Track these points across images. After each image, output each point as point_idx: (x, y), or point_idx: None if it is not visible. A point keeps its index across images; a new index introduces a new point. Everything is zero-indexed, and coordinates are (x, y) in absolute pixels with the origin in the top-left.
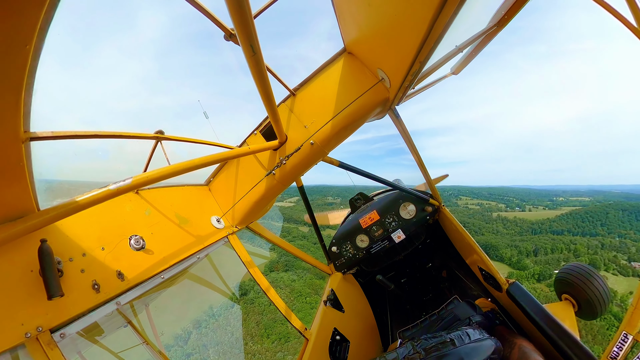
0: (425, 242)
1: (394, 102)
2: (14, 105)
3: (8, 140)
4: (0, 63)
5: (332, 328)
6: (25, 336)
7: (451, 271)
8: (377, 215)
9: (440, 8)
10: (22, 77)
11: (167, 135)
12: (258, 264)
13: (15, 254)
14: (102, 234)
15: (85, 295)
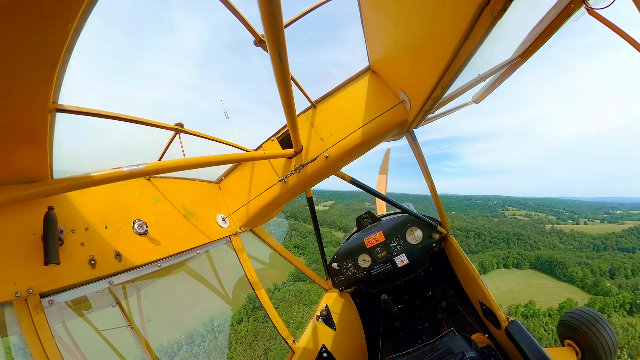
0: (428, 269)
1: (413, 125)
2: (48, 77)
3: (37, 107)
4: (43, 37)
5: (320, 344)
6: (15, 295)
7: (451, 302)
8: (382, 237)
9: (466, 35)
10: (60, 52)
11: (186, 129)
12: (256, 269)
13: (23, 214)
14: (108, 212)
15: (80, 268)
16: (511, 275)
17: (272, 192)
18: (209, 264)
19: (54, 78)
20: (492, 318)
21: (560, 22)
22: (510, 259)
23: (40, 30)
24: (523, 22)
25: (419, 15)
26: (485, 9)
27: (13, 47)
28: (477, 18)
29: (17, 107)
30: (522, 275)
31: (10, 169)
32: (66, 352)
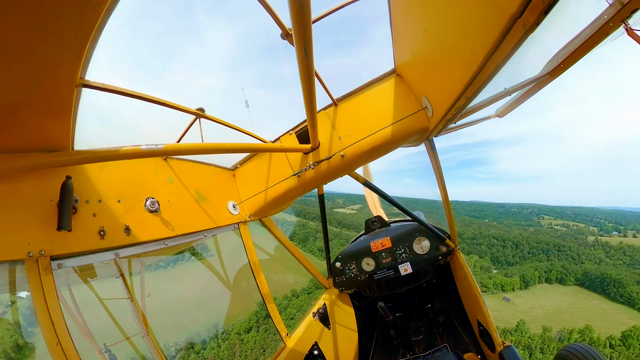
0: (431, 281)
1: (433, 133)
2: (78, 53)
3: (65, 81)
4: (76, 15)
5: (313, 341)
6: (27, 254)
7: (449, 318)
8: (389, 243)
9: (495, 46)
10: (91, 31)
11: (206, 115)
12: (260, 259)
13: (42, 180)
14: (122, 187)
15: (89, 237)
16: (555, 291)
17: (285, 184)
18: (215, 248)
19: (83, 55)
20: (488, 340)
21: (596, 42)
22: (554, 272)
23: (75, 9)
24: (555, 38)
25: (449, 22)
26: (518, 21)
27: (48, 23)
28: (508, 30)
29: (47, 79)
30: (568, 292)
31: (35, 137)
32: (67, 314)
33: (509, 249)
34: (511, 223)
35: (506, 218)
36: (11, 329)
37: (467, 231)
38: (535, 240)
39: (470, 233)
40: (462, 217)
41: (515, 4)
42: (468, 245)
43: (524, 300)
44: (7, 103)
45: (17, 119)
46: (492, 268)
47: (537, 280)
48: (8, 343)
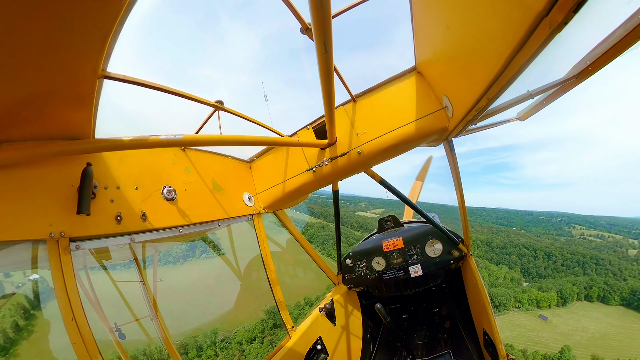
0: (440, 285)
1: (452, 134)
2: (100, 46)
3: (88, 72)
4: (99, 10)
5: (317, 336)
6: (49, 235)
7: (455, 324)
8: (401, 243)
9: (519, 46)
10: (113, 25)
11: (225, 107)
12: (271, 250)
13: (64, 167)
14: (141, 175)
15: (107, 222)
16: (598, 311)
17: (300, 179)
18: (228, 238)
19: (105, 48)
20: (492, 350)
21: (629, 43)
22: (595, 289)
23: (97, 5)
24: (584, 39)
25: (472, 19)
26: (544, 20)
27: (72, 17)
28: (534, 29)
29: (71, 70)
30: (613, 313)
31: (59, 126)
32: (82, 292)
33: (541, 259)
34: (540, 232)
35: (535, 226)
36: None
37: (495, 239)
38: (568, 251)
39: (499, 241)
40: (489, 224)
41: (542, 1)
42: (497, 254)
43: (562, 320)
44: (33, 94)
45: (42, 109)
46: (523, 280)
47: (576, 296)
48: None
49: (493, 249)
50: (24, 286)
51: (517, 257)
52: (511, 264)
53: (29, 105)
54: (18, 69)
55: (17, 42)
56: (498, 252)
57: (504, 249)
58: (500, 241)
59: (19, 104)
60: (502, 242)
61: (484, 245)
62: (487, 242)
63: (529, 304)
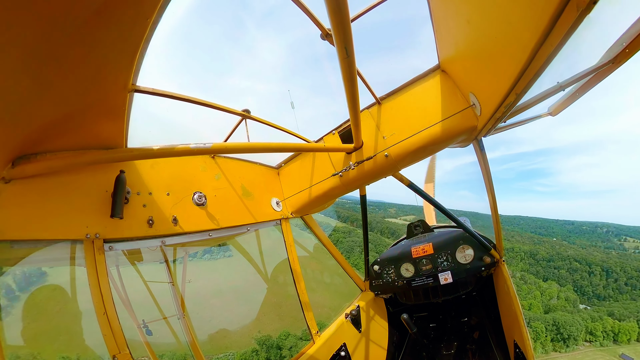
0: (471, 293)
1: (482, 133)
2: (129, 62)
3: (119, 87)
4: (127, 30)
5: (342, 342)
6: (85, 236)
7: (484, 334)
8: (431, 249)
9: (546, 34)
10: (140, 42)
11: (252, 116)
12: (299, 255)
13: (100, 173)
14: (172, 182)
15: (139, 225)
16: None
17: (327, 184)
18: (256, 243)
19: (134, 64)
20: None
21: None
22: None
23: (125, 25)
24: (617, 19)
25: (492, 11)
26: (570, 2)
27: (104, 39)
28: (560, 13)
29: (103, 86)
30: None
31: (94, 137)
32: (115, 290)
33: (597, 276)
34: (585, 243)
35: (578, 237)
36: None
37: (540, 250)
38: (633, 267)
39: (545, 253)
40: (527, 234)
41: None
42: (544, 268)
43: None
44: (72, 109)
45: (80, 122)
46: (578, 301)
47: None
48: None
49: (539, 262)
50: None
51: (568, 272)
52: (561, 279)
53: (69, 119)
54: (59, 90)
55: (57, 64)
56: (545, 265)
57: (551, 262)
58: (545, 253)
59: (60, 118)
60: (548, 254)
61: (528, 258)
62: (531, 253)
63: (603, 337)
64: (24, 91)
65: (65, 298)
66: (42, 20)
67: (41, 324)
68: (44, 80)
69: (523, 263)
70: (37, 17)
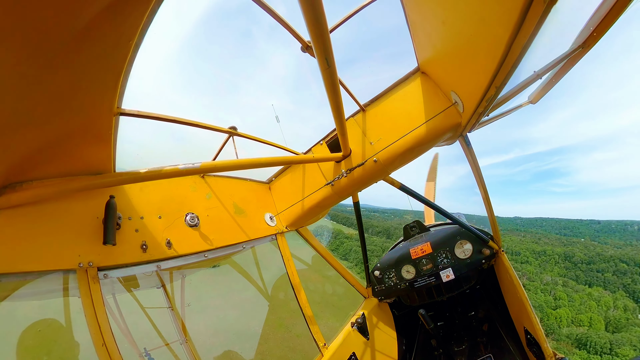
0: (474, 287)
1: (466, 129)
2: (113, 85)
3: (105, 111)
4: (110, 53)
5: (351, 352)
6: (78, 265)
7: (493, 326)
8: (429, 248)
9: (517, 28)
10: (123, 64)
11: (239, 132)
12: (298, 269)
13: (89, 200)
14: (163, 205)
15: (132, 251)
16: None
17: (319, 194)
18: (253, 260)
19: (118, 86)
20: (537, 350)
21: None
22: None
23: (107, 48)
24: (582, 6)
25: (465, 10)
26: None
27: (86, 62)
28: (528, 7)
29: (88, 111)
30: None
31: (81, 162)
32: (112, 319)
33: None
34: (619, 243)
35: (608, 236)
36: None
37: (576, 252)
38: None
39: (582, 255)
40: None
41: None
42: (584, 272)
43: None
44: (57, 135)
45: (65, 148)
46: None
47: None
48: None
49: (577, 265)
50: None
51: (615, 275)
52: (608, 284)
53: (55, 146)
54: (43, 115)
55: (41, 91)
56: (585, 269)
57: (591, 265)
58: (583, 254)
59: (46, 145)
60: (586, 256)
61: (563, 261)
62: (566, 256)
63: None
64: (6, 117)
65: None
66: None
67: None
68: (27, 106)
69: (559, 267)
70: (19, 42)
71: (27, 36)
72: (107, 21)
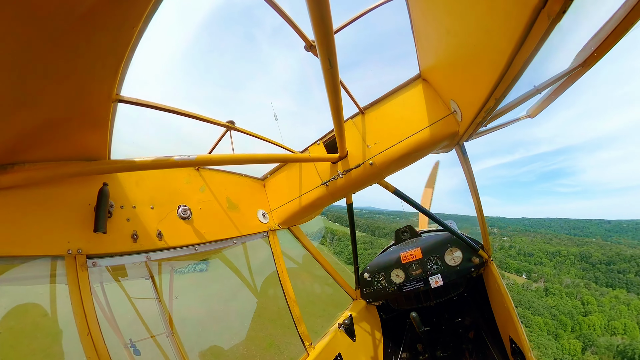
0: (462, 294)
1: (463, 138)
2: (113, 72)
3: (103, 97)
4: (112, 38)
5: (336, 352)
6: (67, 251)
7: (479, 333)
8: (420, 254)
9: (521, 42)
10: (125, 51)
11: (237, 127)
12: (287, 267)
13: (82, 186)
14: (156, 195)
15: (123, 240)
16: None
17: (314, 194)
18: (244, 255)
19: (119, 73)
20: (521, 359)
21: (632, 22)
22: None
23: (111, 32)
24: (585, 26)
25: (471, 21)
26: (542, 11)
27: (88, 45)
28: (533, 22)
29: (87, 95)
30: None
31: (76, 147)
32: (99, 307)
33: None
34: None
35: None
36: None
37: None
38: None
39: (600, 255)
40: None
41: None
42: (603, 273)
43: None
44: (54, 118)
45: (62, 132)
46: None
47: None
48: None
49: (595, 266)
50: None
51: (638, 276)
52: (631, 286)
53: (50, 128)
54: (40, 96)
55: (40, 71)
56: (604, 269)
57: (611, 265)
58: (601, 255)
59: (41, 127)
60: (605, 256)
61: (579, 262)
62: (582, 256)
63: None
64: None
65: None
66: (26, 23)
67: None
68: (24, 87)
69: (575, 268)
70: (21, 21)
71: (31, 13)
72: (112, 5)
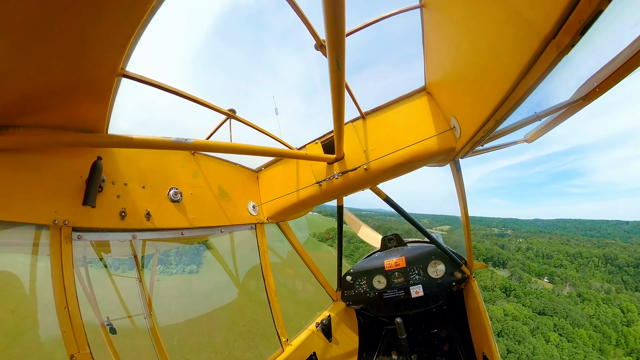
0: (441, 307)
1: (459, 154)
2: (121, 45)
3: (107, 70)
4: (124, 12)
5: (312, 351)
6: (53, 222)
7: (454, 347)
8: (404, 263)
9: (527, 68)
10: (136, 27)
11: (237, 116)
12: (272, 261)
13: (76, 158)
14: (149, 175)
15: (111, 216)
16: None
17: (306, 192)
18: (230, 245)
19: (127, 48)
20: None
21: (636, 65)
22: None
23: (123, 7)
24: (591, 61)
25: (481, 41)
26: (552, 42)
27: (99, 15)
28: (542, 51)
29: (91, 65)
30: None
31: (74, 117)
32: (79, 281)
33: None
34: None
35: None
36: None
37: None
38: None
39: (627, 257)
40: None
41: (550, 24)
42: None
43: None
44: (55, 83)
45: (61, 99)
46: None
47: None
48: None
49: (622, 269)
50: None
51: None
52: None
53: (50, 95)
54: (45, 61)
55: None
56: (632, 272)
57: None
58: (627, 256)
59: (41, 92)
60: (632, 259)
61: (603, 264)
62: (607, 258)
63: None
64: (4, 55)
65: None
66: None
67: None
68: (28, 49)
69: (600, 271)
70: None
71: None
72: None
